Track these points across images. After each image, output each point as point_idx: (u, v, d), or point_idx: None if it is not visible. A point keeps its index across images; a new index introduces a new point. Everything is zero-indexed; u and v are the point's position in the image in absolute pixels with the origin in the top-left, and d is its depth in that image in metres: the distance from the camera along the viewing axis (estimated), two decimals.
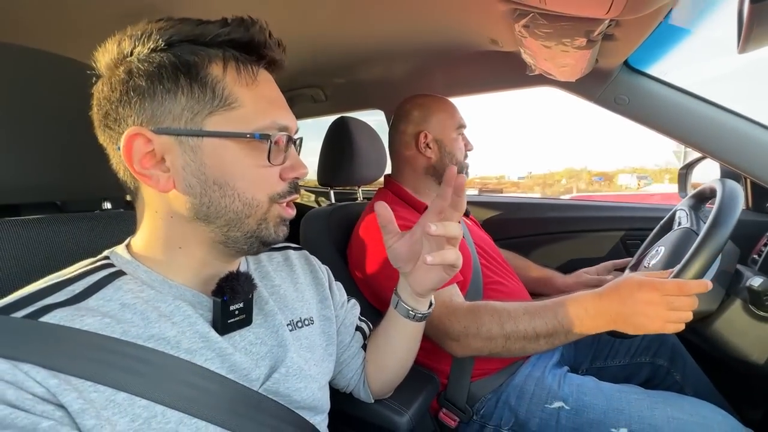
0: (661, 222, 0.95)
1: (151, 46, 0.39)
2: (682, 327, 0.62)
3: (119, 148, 0.40)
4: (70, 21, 0.77)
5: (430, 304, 0.61)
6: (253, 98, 0.42)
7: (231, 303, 0.44)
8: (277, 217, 0.45)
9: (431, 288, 0.56)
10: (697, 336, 0.75)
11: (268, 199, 0.43)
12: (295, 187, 0.46)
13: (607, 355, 0.98)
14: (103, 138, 0.43)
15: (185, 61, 0.39)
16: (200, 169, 0.40)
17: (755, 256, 0.88)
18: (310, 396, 0.50)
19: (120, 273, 0.42)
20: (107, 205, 0.63)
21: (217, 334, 0.43)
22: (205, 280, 0.45)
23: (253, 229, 0.43)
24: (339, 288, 0.65)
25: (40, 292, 0.38)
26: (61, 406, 0.33)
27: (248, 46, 0.42)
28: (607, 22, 0.64)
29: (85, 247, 0.54)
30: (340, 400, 0.67)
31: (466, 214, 1.14)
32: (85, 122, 0.43)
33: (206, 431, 0.39)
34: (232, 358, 0.43)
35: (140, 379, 0.37)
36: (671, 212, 0.92)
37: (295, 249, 0.62)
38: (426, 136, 0.98)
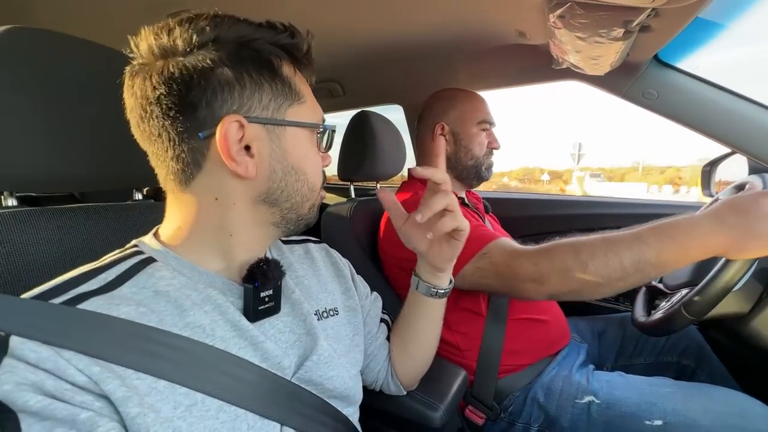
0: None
1: (236, 38, 0.40)
2: None
3: (203, 136, 0.40)
4: (102, 7, 0.77)
5: (450, 281, 0.62)
6: (310, 95, 0.47)
7: (262, 289, 0.44)
8: (320, 201, 0.50)
9: (449, 258, 0.57)
10: (730, 336, 0.73)
11: (320, 185, 0.48)
12: (324, 176, 0.51)
13: (632, 353, 0.96)
14: (158, 126, 0.40)
15: (267, 58, 0.42)
16: (283, 155, 0.44)
17: None
18: (342, 384, 0.50)
19: (151, 260, 0.42)
20: (138, 196, 0.62)
21: (248, 322, 0.43)
22: (236, 268, 0.45)
23: (305, 212, 0.48)
24: (361, 280, 0.65)
25: (73, 280, 0.38)
26: (103, 396, 0.33)
27: (302, 51, 0.46)
28: (648, 10, 0.62)
29: (118, 237, 0.53)
30: (372, 396, 0.66)
31: (486, 210, 1.13)
32: (119, 110, 0.42)
33: (245, 419, 0.39)
34: (263, 346, 0.43)
35: (179, 368, 0.37)
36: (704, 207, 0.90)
37: (314, 242, 0.63)
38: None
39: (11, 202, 0.48)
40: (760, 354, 0.69)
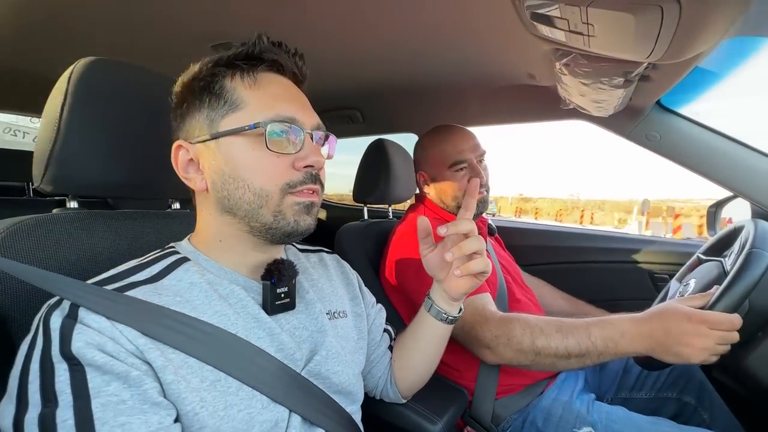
0: (687, 264, 0.95)
1: (190, 76, 0.49)
2: (717, 359, 0.63)
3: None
4: (156, 39, 0.87)
5: (460, 309, 0.66)
6: (258, 97, 0.47)
7: (278, 286, 0.50)
8: (294, 206, 0.47)
9: (463, 292, 0.61)
10: (726, 373, 0.75)
11: (278, 189, 0.46)
12: (311, 178, 0.48)
13: (632, 386, 0.97)
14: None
15: (207, 81, 0.48)
16: (219, 166, 0.47)
17: None
18: (347, 380, 0.54)
19: (185, 259, 0.49)
20: (176, 206, 0.69)
21: (266, 315, 0.49)
22: (252, 268, 0.51)
23: (270, 221, 0.47)
24: (368, 292, 0.70)
25: (126, 271, 0.45)
26: (146, 362, 0.39)
27: (250, 56, 0.48)
28: (645, 64, 0.68)
29: (157, 239, 0.60)
30: (373, 405, 0.69)
31: (491, 233, 1.17)
32: (160, 130, 0.51)
33: (260, 399, 0.44)
34: (279, 337, 0.48)
35: (207, 348, 0.42)
36: (694, 257, 0.93)
37: (328, 252, 0.69)
38: (424, 176, 1.05)
39: (74, 204, 0.55)
40: (756, 393, 0.70)
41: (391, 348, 0.70)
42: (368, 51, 0.97)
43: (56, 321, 0.38)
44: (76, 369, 0.36)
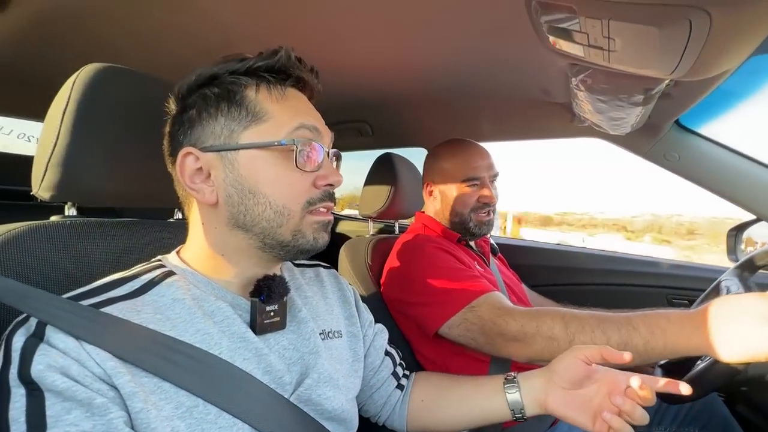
0: (706, 291, 0.90)
1: (202, 82, 0.46)
2: None
3: (175, 165, 0.46)
4: (169, 48, 0.87)
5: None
6: (282, 109, 0.46)
7: (267, 303, 0.47)
8: (314, 224, 0.47)
9: (573, 384, 0.52)
10: (757, 411, 0.70)
11: (300, 208, 0.46)
12: (329, 196, 0.48)
13: (652, 420, 0.91)
14: (167, 159, 0.49)
15: (225, 89, 0.46)
16: (237, 179, 0.45)
17: None
18: (340, 406, 0.51)
19: (171, 273, 0.46)
20: (179, 215, 0.67)
21: (253, 334, 0.46)
22: (244, 285, 0.48)
23: (287, 240, 0.46)
24: (365, 308, 0.66)
25: (105, 285, 0.43)
26: (114, 387, 0.36)
27: (277, 69, 0.47)
28: (666, 81, 0.66)
29: (156, 249, 0.57)
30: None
31: (494, 253, 1.13)
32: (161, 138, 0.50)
33: (242, 428, 0.41)
34: (267, 358, 0.45)
35: (186, 374, 0.40)
36: (715, 283, 0.88)
37: (325, 267, 0.65)
38: (429, 186, 1.02)
39: (72, 211, 0.54)
40: None
41: (396, 374, 0.65)
42: (377, 63, 0.96)
43: (19, 340, 0.35)
44: (35, 395, 0.33)
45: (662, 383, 0.47)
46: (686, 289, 1.17)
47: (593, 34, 0.54)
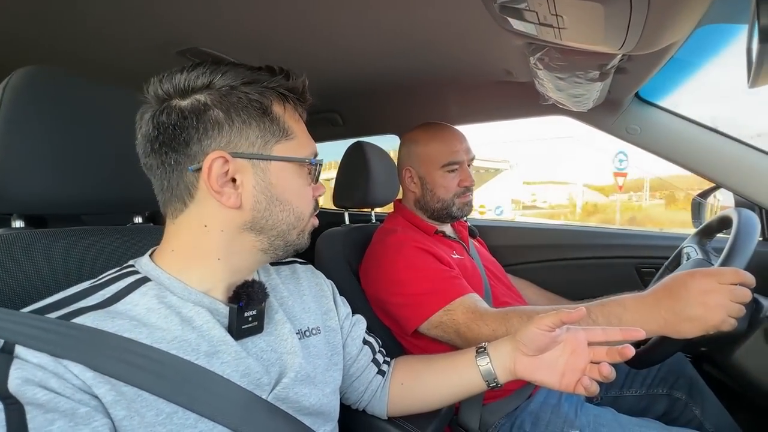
0: (669, 258, 0.94)
1: (228, 83, 0.45)
2: (735, 324, 0.58)
3: (192, 169, 0.44)
4: (116, 48, 0.83)
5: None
6: (301, 131, 0.51)
7: (246, 309, 0.47)
8: (311, 227, 0.54)
9: (539, 351, 0.56)
10: (721, 370, 0.73)
11: (309, 214, 0.52)
12: (317, 204, 0.55)
13: (622, 384, 0.96)
14: (158, 159, 0.45)
15: (257, 100, 0.46)
16: (267, 187, 0.47)
17: None
18: (318, 402, 0.52)
19: (146, 279, 0.45)
20: (138, 220, 0.66)
21: (232, 339, 0.46)
22: (223, 290, 0.48)
23: (293, 239, 0.51)
24: (344, 302, 0.68)
25: (73, 296, 0.42)
26: (96, 397, 0.36)
27: (297, 91, 0.50)
28: (619, 56, 0.67)
29: (118, 257, 0.56)
30: (353, 419, 0.67)
31: (473, 235, 1.15)
32: (124, 143, 0.47)
33: (222, 430, 0.42)
34: (245, 362, 0.46)
35: (162, 382, 0.39)
36: (677, 250, 0.92)
37: (301, 263, 0.66)
38: (410, 172, 1.01)
39: (18, 223, 0.51)
40: (744, 386, 0.69)
41: (376, 361, 0.66)
42: (345, 53, 0.94)
43: None
44: (13, 408, 0.32)
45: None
46: (653, 258, 1.22)
47: (542, 12, 0.54)
